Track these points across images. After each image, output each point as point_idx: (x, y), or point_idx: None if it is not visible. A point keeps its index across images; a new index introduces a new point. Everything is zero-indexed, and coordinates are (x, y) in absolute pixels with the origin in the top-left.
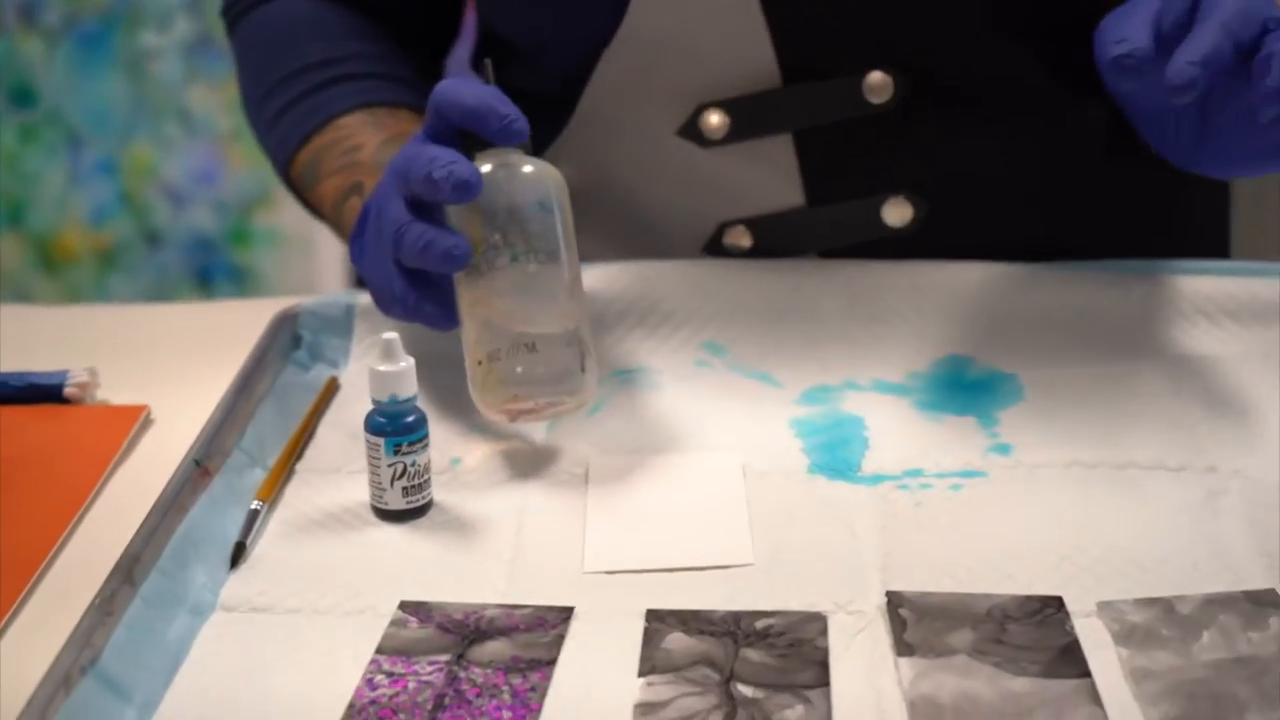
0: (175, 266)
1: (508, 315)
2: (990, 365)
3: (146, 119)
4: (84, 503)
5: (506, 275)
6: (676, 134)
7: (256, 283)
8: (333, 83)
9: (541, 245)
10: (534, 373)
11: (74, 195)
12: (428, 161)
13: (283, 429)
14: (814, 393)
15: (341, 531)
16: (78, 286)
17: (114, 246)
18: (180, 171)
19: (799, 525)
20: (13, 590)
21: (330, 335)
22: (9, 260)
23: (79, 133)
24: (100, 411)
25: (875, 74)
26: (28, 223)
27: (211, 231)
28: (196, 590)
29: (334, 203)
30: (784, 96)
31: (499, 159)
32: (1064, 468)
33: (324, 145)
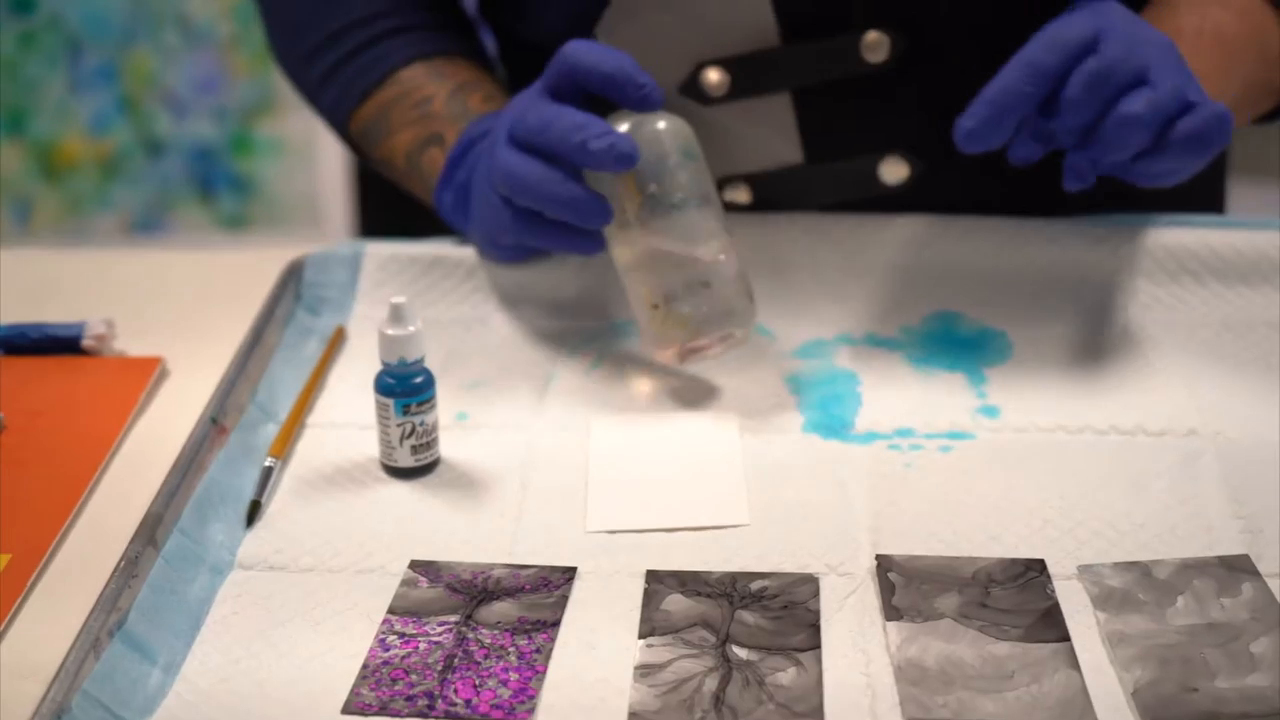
0: (176, 175)
1: (679, 257)
2: (980, 321)
3: (146, 25)
4: (105, 457)
5: (670, 220)
6: (678, 92)
7: (258, 191)
8: (383, 37)
9: (695, 189)
10: (712, 309)
11: (74, 103)
12: (576, 129)
13: (294, 381)
14: (809, 347)
15: (353, 488)
16: (79, 195)
17: (115, 155)
18: (181, 79)
19: (793, 485)
20: (39, 547)
21: (336, 282)
22: (9, 168)
23: (78, 39)
24: (117, 363)
25: (872, 33)
26: (28, 130)
27: (213, 140)
28: (215, 549)
29: (408, 154)
30: (782, 55)
31: (634, 117)
32: (1048, 432)
33: (389, 100)
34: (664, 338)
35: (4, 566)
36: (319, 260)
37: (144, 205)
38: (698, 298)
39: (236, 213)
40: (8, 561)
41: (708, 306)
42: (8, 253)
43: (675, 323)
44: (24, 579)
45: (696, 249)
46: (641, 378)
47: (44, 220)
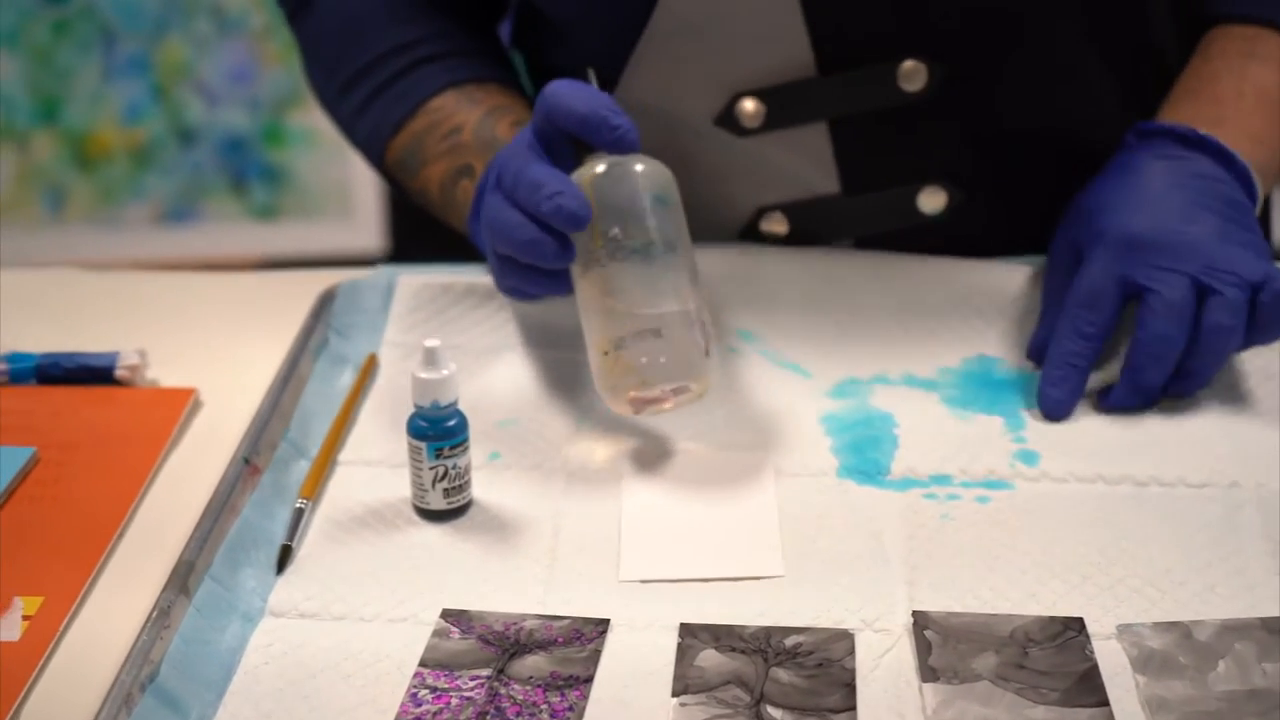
0: (208, 165)
1: (632, 302)
2: (1018, 364)
3: (179, 15)
4: (137, 495)
5: (629, 266)
6: (713, 123)
7: (290, 182)
8: (415, 66)
9: (660, 236)
10: (660, 359)
11: (107, 92)
12: (533, 188)
13: (325, 415)
14: (845, 386)
15: (384, 531)
16: (111, 184)
17: (147, 144)
18: (214, 69)
19: (828, 534)
20: (72, 590)
21: (368, 309)
22: (43, 157)
23: (112, 29)
24: (151, 394)
25: (909, 62)
26: (62, 119)
27: (245, 130)
28: (246, 595)
29: (441, 185)
30: (819, 85)
31: (609, 159)
32: (1088, 482)
33: (421, 130)
34: (613, 386)
35: (37, 609)
36: (350, 289)
37: (176, 195)
38: (648, 347)
39: (268, 203)
40: (40, 605)
41: (658, 357)
42: (42, 274)
43: (623, 371)
44: (56, 624)
45: (653, 297)
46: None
47: (77, 209)
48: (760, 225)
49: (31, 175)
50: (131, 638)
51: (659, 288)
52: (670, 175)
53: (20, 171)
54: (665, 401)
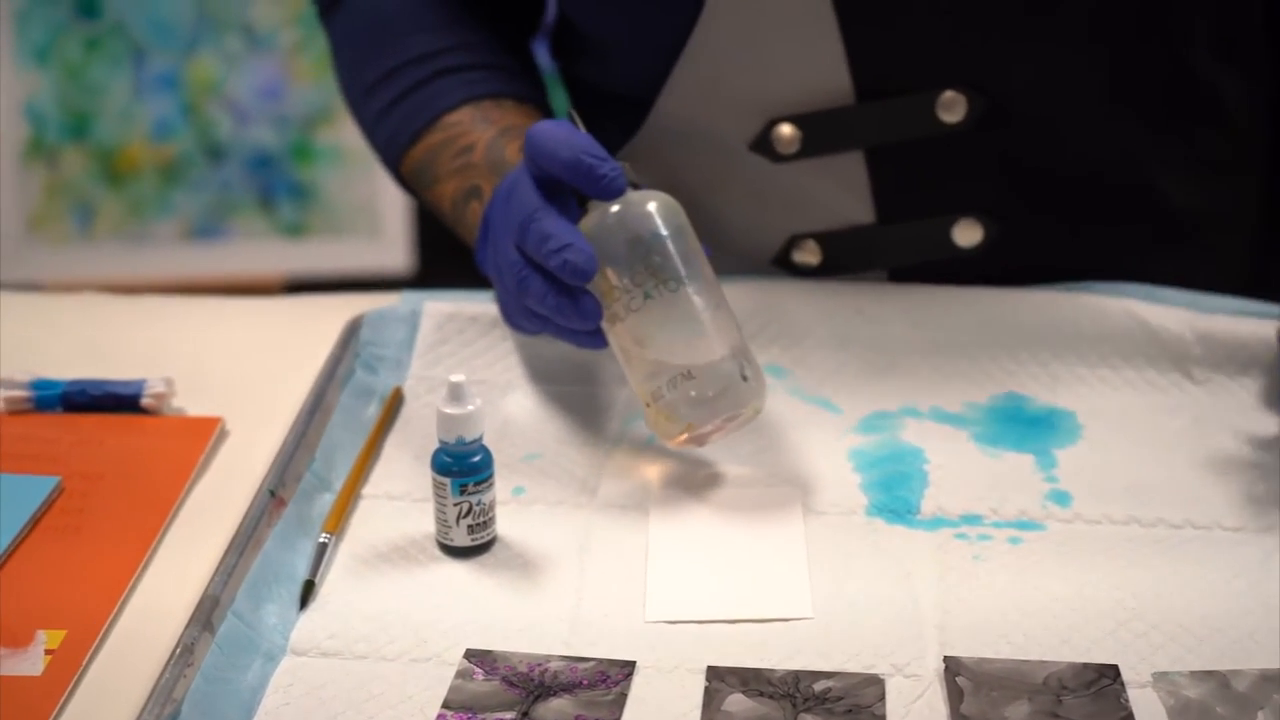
0: (237, 182)
1: (657, 351)
2: (1049, 400)
3: (210, 32)
4: (161, 526)
5: (645, 314)
6: (748, 148)
7: (318, 199)
8: (436, 76)
9: (668, 274)
10: (698, 401)
11: (138, 108)
12: (541, 240)
13: (351, 447)
14: (872, 419)
15: (407, 567)
16: (140, 200)
17: (176, 160)
18: (243, 86)
19: (857, 575)
20: (94, 625)
21: (394, 341)
22: (73, 172)
23: (143, 45)
24: (176, 423)
25: (949, 93)
26: (92, 135)
27: (273, 147)
28: (269, 633)
29: (453, 203)
30: (857, 113)
31: (608, 204)
32: (1121, 525)
33: (435, 145)
34: (664, 433)
35: (59, 643)
36: (377, 318)
37: (204, 211)
38: (683, 392)
39: (296, 220)
40: (63, 638)
41: (696, 395)
42: (68, 298)
43: (667, 419)
44: (79, 658)
45: (676, 339)
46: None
47: (106, 225)
48: (792, 254)
49: (61, 191)
50: (154, 674)
51: (681, 327)
52: (672, 203)
53: (50, 187)
54: (719, 431)
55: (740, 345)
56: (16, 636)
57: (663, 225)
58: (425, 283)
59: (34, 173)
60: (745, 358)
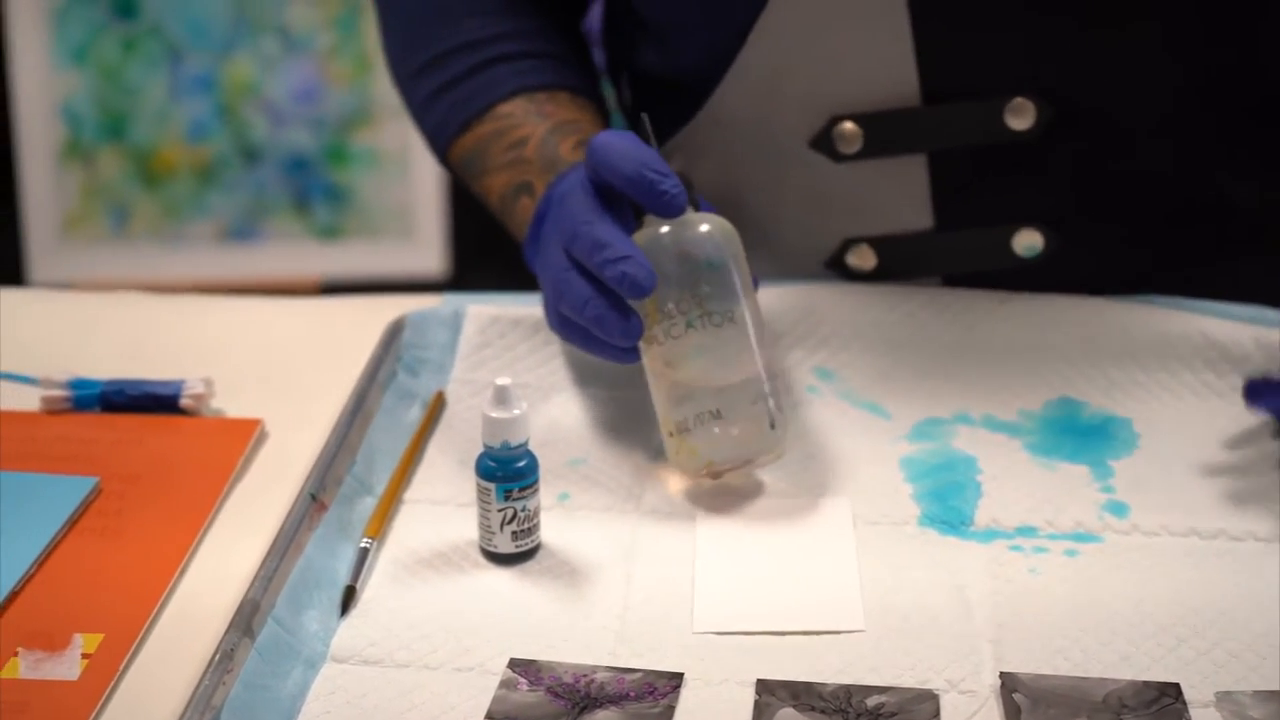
0: (272, 184)
1: (690, 382)
2: (1104, 408)
3: (246, 34)
4: (200, 528)
5: (684, 342)
6: (808, 145)
7: (353, 202)
8: (489, 64)
9: (715, 307)
10: (722, 441)
11: (174, 110)
12: (596, 248)
13: (392, 451)
14: (924, 426)
15: (450, 574)
16: (176, 201)
17: (212, 162)
18: (279, 88)
19: (910, 587)
20: (133, 628)
21: (436, 343)
22: (109, 173)
23: (180, 46)
24: (216, 424)
25: (1019, 100)
26: (128, 136)
27: (309, 150)
28: (309, 639)
29: (502, 197)
30: (922, 116)
31: (659, 223)
32: (1181, 536)
33: (487, 135)
34: (680, 465)
35: (96, 647)
36: (419, 320)
37: (240, 213)
38: (708, 431)
39: (330, 223)
40: (100, 642)
41: (720, 435)
42: (107, 297)
43: (688, 454)
44: (116, 663)
45: (712, 374)
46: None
47: (141, 226)
48: (847, 258)
49: (97, 191)
50: (193, 680)
51: (718, 364)
52: (730, 231)
53: (86, 187)
54: (737, 471)
55: (773, 388)
56: (53, 640)
57: (717, 253)
58: (459, 286)
59: (70, 173)
60: (776, 400)
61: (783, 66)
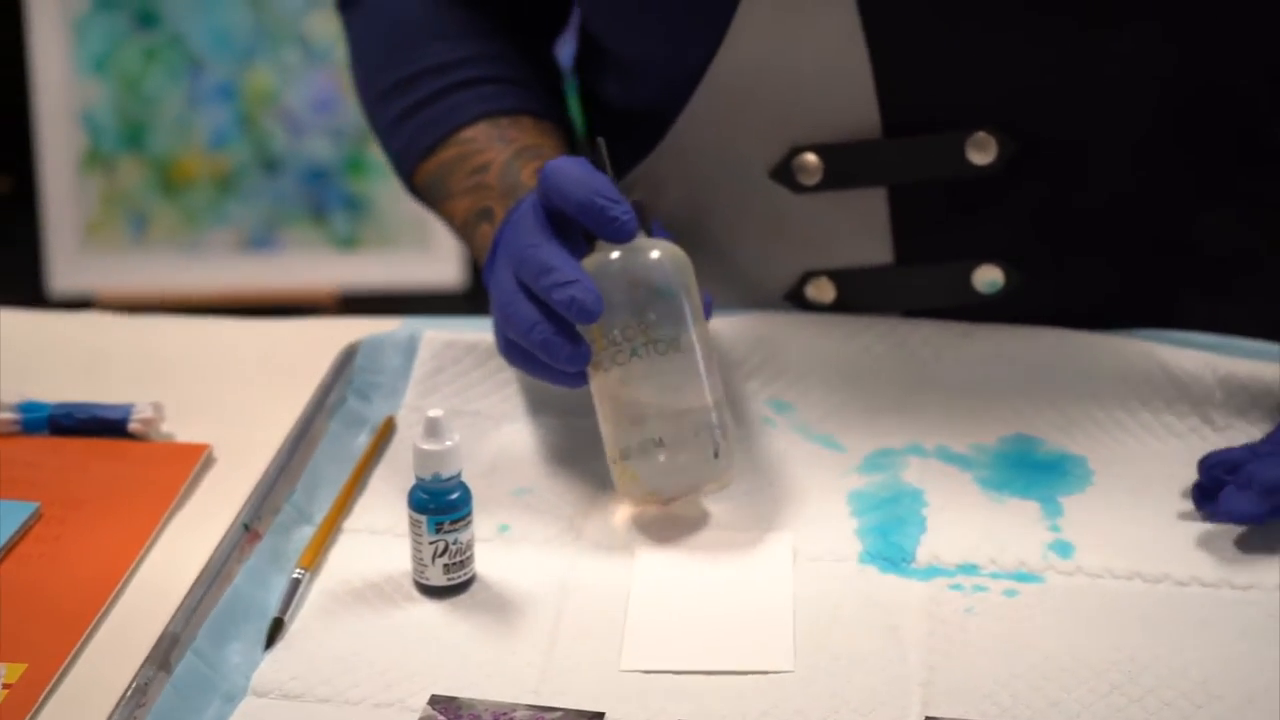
0: (291, 194)
1: (634, 409)
2: (1060, 445)
3: (266, 45)
4: (136, 556)
5: (629, 369)
6: (768, 175)
7: (370, 214)
8: (453, 89)
9: (661, 334)
10: (666, 469)
11: (194, 119)
12: (543, 271)
13: (336, 478)
14: (876, 458)
15: (381, 607)
16: (195, 210)
17: (232, 172)
18: (299, 98)
19: (844, 627)
20: (55, 660)
21: (390, 368)
22: (129, 182)
23: (200, 56)
24: (162, 449)
25: (980, 134)
26: (148, 145)
27: (327, 160)
28: (230, 673)
29: (463, 223)
30: (883, 148)
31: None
32: (1124, 579)
33: (449, 161)
34: (625, 492)
35: (18, 678)
36: (373, 345)
37: (258, 222)
38: (651, 459)
39: (348, 233)
40: (23, 672)
41: (664, 463)
42: (67, 316)
43: (630, 479)
44: (36, 695)
45: (657, 402)
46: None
47: (160, 234)
48: (806, 290)
49: (117, 200)
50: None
51: (662, 391)
52: (682, 258)
53: (106, 196)
54: (682, 498)
55: (719, 417)
56: None
57: (665, 281)
58: (477, 297)
59: (91, 181)
60: (722, 430)
61: (743, 97)
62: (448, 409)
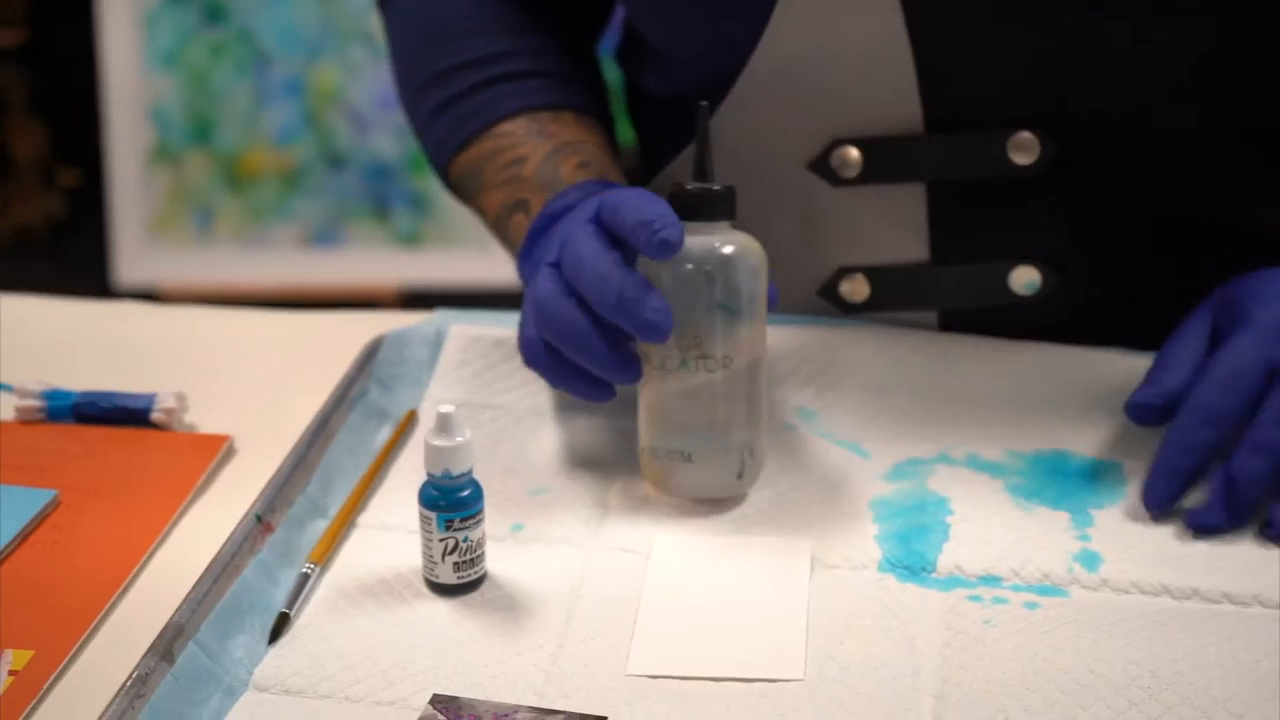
0: (355, 190)
1: (669, 419)
2: (1097, 455)
3: (333, 41)
4: (150, 546)
5: (673, 380)
6: (806, 167)
7: (432, 210)
8: (492, 83)
9: (715, 352)
10: (688, 479)
11: (260, 114)
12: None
13: (353, 471)
14: (903, 466)
15: (390, 604)
16: (260, 205)
17: (297, 167)
18: (364, 95)
19: (858, 636)
20: (63, 649)
21: (414, 360)
22: (195, 177)
23: (267, 52)
24: (184, 440)
25: (1023, 133)
26: (215, 140)
27: (391, 157)
28: (233, 666)
29: (497, 215)
30: (924, 144)
31: (696, 243)
32: (1152, 595)
33: (485, 154)
34: (648, 478)
35: (25, 664)
36: (398, 338)
37: (322, 218)
38: (676, 467)
39: (410, 230)
40: (30, 659)
41: (686, 476)
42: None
43: (654, 473)
44: (40, 682)
45: (687, 418)
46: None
47: (225, 229)
48: (840, 287)
49: (183, 194)
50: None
51: (700, 410)
52: (759, 266)
53: (173, 190)
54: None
55: (754, 440)
56: None
57: (732, 299)
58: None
59: (158, 176)
60: (750, 451)
61: (784, 90)
62: (471, 404)
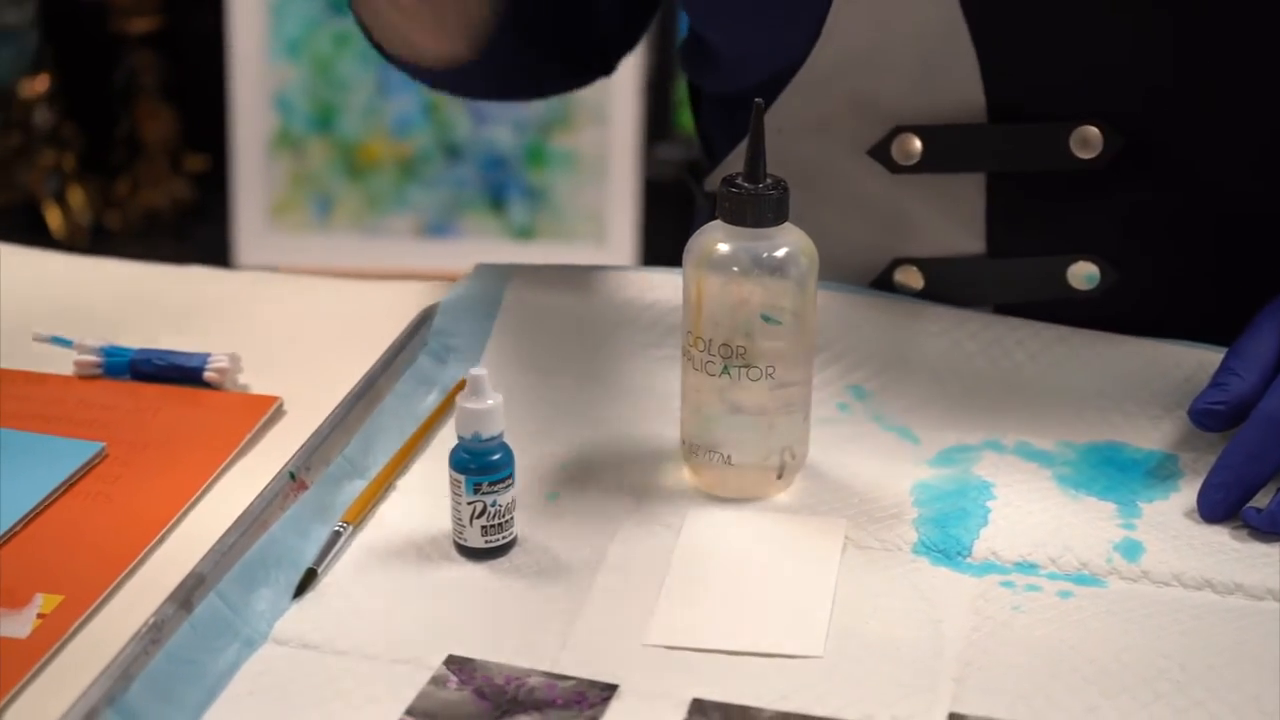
0: (471, 182)
1: (708, 420)
2: (1152, 447)
3: None
4: (189, 499)
5: (717, 384)
6: (866, 152)
7: (548, 203)
8: None
9: (760, 362)
10: (725, 479)
11: (381, 104)
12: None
13: (396, 435)
14: (950, 452)
15: (419, 565)
16: (378, 194)
17: (414, 157)
18: None
19: (883, 616)
20: (93, 591)
21: (468, 330)
22: (316, 163)
23: None
24: (234, 399)
25: (1087, 126)
26: (336, 128)
27: (508, 149)
28: (254, 618)
29: None
30: (985, 133)
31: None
32: (1193, 589)
33: None
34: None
35: (54, 608)
36: (453, 306)
37: (438, 209)
38: (714, 466)
39: (525, 223)
40: (59, 603)
41: (723, 475)
42: (171, 270)
43: (692, 470)
44: (66, 625)
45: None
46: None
47: (343, 216)
48: (894, 277)
49: (304, 181)
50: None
51: (741, 419)
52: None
53: (294, 176)
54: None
55: (795, 438)
56: (15, 597)
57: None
58: None
59: (280, 161)
60: (791, 452)
61: (845, 81)
62: (522, 374)
